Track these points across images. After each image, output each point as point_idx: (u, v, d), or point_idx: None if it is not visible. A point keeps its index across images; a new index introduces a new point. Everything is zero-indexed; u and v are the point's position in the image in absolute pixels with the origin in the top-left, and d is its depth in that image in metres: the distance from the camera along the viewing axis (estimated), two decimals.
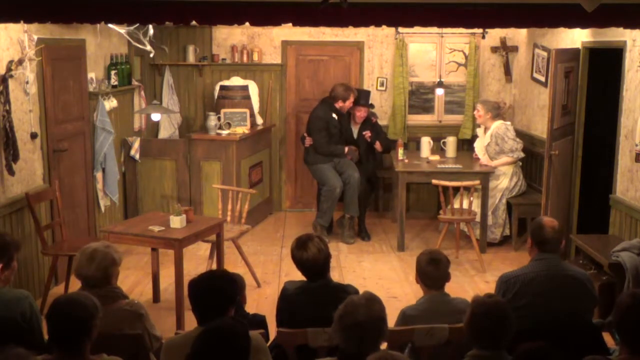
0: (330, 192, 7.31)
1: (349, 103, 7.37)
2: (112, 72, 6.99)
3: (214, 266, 5.70)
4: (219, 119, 7.75)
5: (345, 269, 6.58)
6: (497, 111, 7.40)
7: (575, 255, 6.31)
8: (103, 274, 3.47)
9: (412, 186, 8.21)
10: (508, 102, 8.42)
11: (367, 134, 7.50)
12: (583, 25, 5.05)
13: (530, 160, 7.62)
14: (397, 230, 7.24)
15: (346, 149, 7.39)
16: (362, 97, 7.49)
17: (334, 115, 7.41)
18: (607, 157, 6.19)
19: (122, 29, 6.89)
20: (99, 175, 6.67)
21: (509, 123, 7.38)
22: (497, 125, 7.26)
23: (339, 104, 7.35)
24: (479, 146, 7.50)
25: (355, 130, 7.64)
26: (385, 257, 7.00)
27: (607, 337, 4.08)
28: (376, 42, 8.49)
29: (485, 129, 7.41)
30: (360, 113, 7.50)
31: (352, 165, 7.40)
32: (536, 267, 3.75)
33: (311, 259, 3.62)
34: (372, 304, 2.89)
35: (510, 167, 7.22)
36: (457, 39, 8.39)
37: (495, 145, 7.20)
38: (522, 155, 7.26)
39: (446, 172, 7.02)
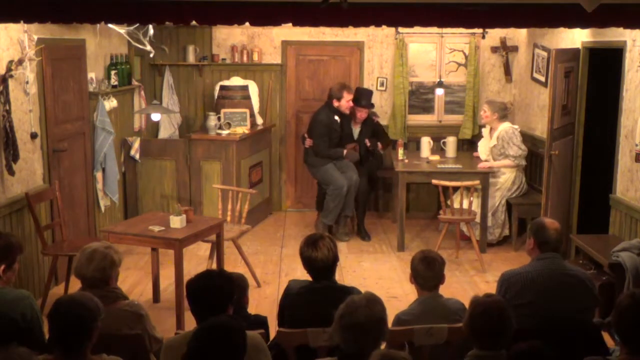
0: (337, 191, 7.29)
1: (345, 102, 7.32)
2: (112, 72, 6.99)
3: (214, 266, 5.70)
4: (219, 119, 7.75)
5: (345, 269, 6.58)
6: (504, 112, 7.38)
7: (575, 255, 6.32)
8: (102, 274, 3.47)
9: (412, 186, 8.21)
10: (509, 102, 8.42)
11: (367, 142, 7.49)
12: (583, 25, 5.05)
13: (530, 160, 7.61)
14: (397, 230, 7.24)
15: (345, 151, 7.39)
16: (364, 98, 7.48)
17: (336, 117, 7.40)
18: (607, 157, 6.19)
19: (122, 29, 6.89)
20: (99, 175, 6.67)
21: (516, 127, 7.33)
22: (505, 128, 7.23)
23: (335, 104, 7.34)
24: (483, 146, 7.49)
25: (356, 130, 7.63)
26: (385, 257, 7.00)
27: (607, 337, 4.08)
28: (376, 42, 8.49)
29: (492, 130, 7.40)
30: (361, 114, 7.50)
31: (351, 166, 7.40)
32: (538, 266, 3.75)
33: (320, 258, 3.58)
34: (373, 304, 2.89)
35: (513, 169, 7.22)
36: (457, 39, 8.39)
37: (501, 147, 7.19)
38: (523, 163, 7.24)
39: (446, 172, 7.02)
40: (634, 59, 5.58)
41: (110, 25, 6.52)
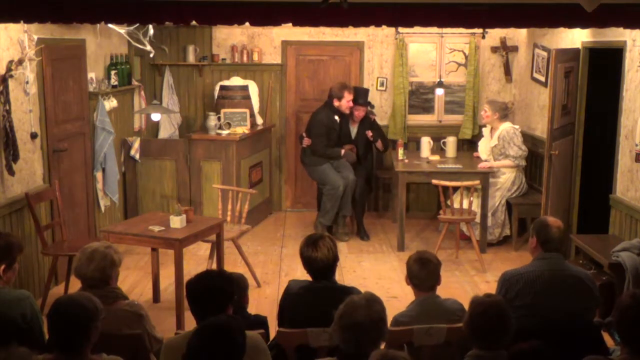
0: (333, 191, 7.29)
1: (345, 102, 7.32)
2: (112, 72, 6.99)
3: (214, 266, 5.70)
4: (219, 119, 7.75)
5: (345, 269, 6.58)
6: (505, 112, 7.38)
7: (575, 255, 6.32)
8: (102, 274, 3.47)
9: (412, 186, 8.21)
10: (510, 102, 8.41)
11: (369, 133, 7.49)
12: (583, 25, 5.05)
13: (531, 160, 7.61)
14: (397, 230, 7.24)
15: (342, 151, 7.39)
16: (361, 96, 7.48)
17: (336, 117, 7.40)
18: (607, 157, 6.18)
19: (122, 29, 6.89)
20: (99, 175, 6.67)
21: (517, 127, 7.33)
22: (506, 128, 7.23)
23: (335, 104, 7.34)
24: (483, 146, 7.49)
25: (353, 130, 7.63)
26: (385, 257, 7.00)
27: (607, 337, 4.08)
28: (376, 42, 8.49)
29: (492, 130, 7.40)
30: (359, 112, 7.50)
31: (348, 166, 7.40)
32: (539, 265, 3.75)
33: (320, 258, 3.57)
34: (373, 304, 2.89)
35: (513, 169, 7.22)
36: (457, 39, 8.39)
37: (501, 147, 7.19)
38: (523, 163, 7.24)
39: (446, 172, 7.02)
40: (634, 59, 5.58)
41: (110, 25, 6.52)
